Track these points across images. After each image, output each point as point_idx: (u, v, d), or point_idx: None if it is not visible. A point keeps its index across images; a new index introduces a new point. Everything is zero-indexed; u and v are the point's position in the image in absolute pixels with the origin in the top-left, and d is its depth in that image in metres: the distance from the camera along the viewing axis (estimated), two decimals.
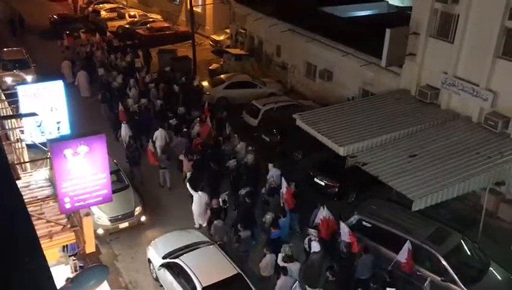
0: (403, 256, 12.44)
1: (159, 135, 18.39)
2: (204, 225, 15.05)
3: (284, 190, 14.67)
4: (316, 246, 12.73)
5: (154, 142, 18.16)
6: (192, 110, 21.06)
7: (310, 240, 13.17)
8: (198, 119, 19.64)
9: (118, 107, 20.39)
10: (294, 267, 12.28)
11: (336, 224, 13.59)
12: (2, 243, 2.66)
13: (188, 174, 16.07)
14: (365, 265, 12.73)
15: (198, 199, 14.98)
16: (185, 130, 18.75)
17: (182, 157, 17.10)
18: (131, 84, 22.86)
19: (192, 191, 15.13)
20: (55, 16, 37.46)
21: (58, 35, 32.11)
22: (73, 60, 27.15)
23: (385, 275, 12.15)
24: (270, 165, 16.24)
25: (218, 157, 17.09)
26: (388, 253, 13.10)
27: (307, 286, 12.20)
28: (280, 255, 12.55)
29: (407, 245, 12.39)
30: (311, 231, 13.38)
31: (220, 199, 14.69)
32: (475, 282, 12.41)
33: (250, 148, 17.42)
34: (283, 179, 14.88)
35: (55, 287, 3.33)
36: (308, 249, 13.28)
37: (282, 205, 14.77)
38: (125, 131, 18.83)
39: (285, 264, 12.23)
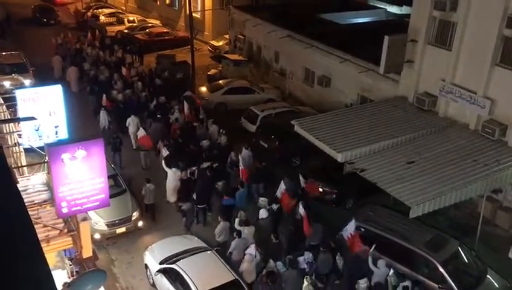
0: (346, 232, 13.32)
1: (131, 122, 19.98)
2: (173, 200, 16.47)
3: (240, 166, 16.72)
4: (263, 213, 14.32)
5: (127, 128, 20.07)
6: (173, 99, 22.64)
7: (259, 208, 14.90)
8: (177, 107, 21.42)
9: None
10: (248, 230, 13.88)
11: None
12: (4, 247, 2.65)
13: (164, 153, 17.60)
14: (315, 233, 13.95)
15: (172, 174, 16.40)
16: (158, 116, 20.31)
17: (160, 143, 18.47)
18: (116, 77, 24.59)
19: (166, 168, 16.60)
20: (36, 6, 41.51)
21: (38, 21, 39.10)
22: (64, 56, 28.72)
23: (331, 242, 13.52)
24: (243, 148, 17.79)
25: (195, 139, 19.17)
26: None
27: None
28: (237, 220, 14.23)
29: (353, 223, 13.22)
30: (261, 199, 15.29)
31: (188, 171, 16.43)
32: (472, 289, 12.40)
33: (222, 131, 19.30)
34: (240, 157, 16.96)
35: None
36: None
37: (240, 177, 16.75)
38: (103, 117, 20.35)
39: (241, 228, 13.83)
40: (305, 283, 12.00)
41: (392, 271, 12.33)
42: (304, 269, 12.85)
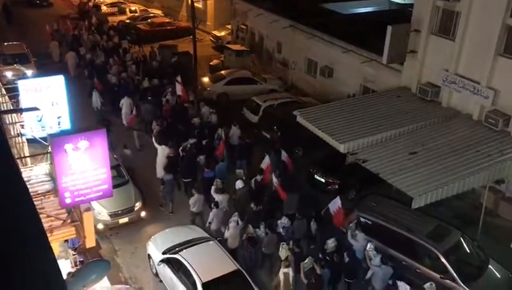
0: (333, 207, 14.05)
1: (124, 103, 20.81)
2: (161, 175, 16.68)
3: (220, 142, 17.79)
4: (239, 184, 15.32)
5: (121, 109, 20.88)
6: (166, 82, 23.57)
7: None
8: (169, 89, 22.19)
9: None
10: (224, 197, 14.71)
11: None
12: (11, 237, 2.66)
13: (155, 131, 18.41)
14: (290, 203, 14.82)
15: (162, 151, 17.17)
16: (149, 98, 21.36)
17: (153, 124, 19.19)
18: (111, 62, 25.60)
19: (156, 145, 17.36)
20: None
21: (31, 3, 41.49)
22: (61, 41, 29.77)
23: (312, 212, 14.20)
24: (232, 125, 18.71)
25: (185, 119, 19.99)
26: (388, 250, 13.11)
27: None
28: (213, 187, 14.91)
29: (337, 200, 13.92)
30: (238, 171, 16.36)
31: (180, 149, 17.17)
32: (474, 280, 12.43)
33: (212, 110, 20.26)
34: (223, 131, 17.99)
35: (63, 280, 3.33)
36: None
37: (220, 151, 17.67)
38: (95, 99, 21.31)
39: (216, 195, 14.62)
40: (281, 248, 12.56)
41: (369, 245, 12.58)
42: (280, 233, 13.67)
